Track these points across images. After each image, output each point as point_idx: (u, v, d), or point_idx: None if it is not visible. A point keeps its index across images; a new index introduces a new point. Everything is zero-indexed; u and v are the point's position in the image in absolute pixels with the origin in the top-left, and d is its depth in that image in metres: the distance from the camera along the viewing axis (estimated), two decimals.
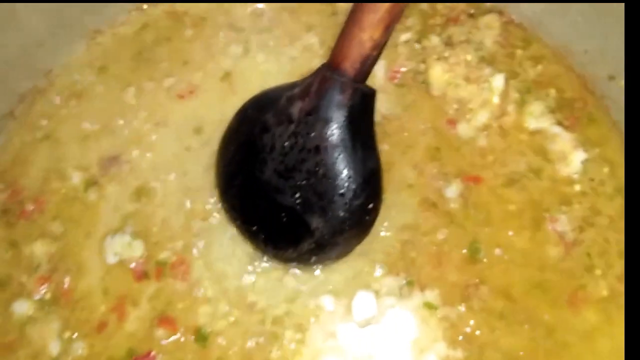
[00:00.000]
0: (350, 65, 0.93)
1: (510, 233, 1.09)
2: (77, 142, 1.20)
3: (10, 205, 1.16)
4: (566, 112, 1.16)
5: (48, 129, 1.21)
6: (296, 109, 0.97)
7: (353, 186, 0.96)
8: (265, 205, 1.02)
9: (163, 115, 1.21)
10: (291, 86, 1.00)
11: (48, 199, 1.15)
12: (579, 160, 1.12)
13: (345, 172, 0.96)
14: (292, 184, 0.98)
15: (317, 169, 0.96)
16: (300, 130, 0.97)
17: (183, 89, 1.22)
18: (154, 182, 1.16)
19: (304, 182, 0.97)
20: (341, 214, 0.97)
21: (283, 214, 1.00)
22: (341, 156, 0.95)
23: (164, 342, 1.05)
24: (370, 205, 1.00)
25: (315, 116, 0.95)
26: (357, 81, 0.94)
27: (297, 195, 0.98)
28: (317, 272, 1.08)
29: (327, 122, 0.95)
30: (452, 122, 1.17)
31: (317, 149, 0.96)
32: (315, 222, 0.98)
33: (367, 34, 0.90)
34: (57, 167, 1.18)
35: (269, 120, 1.00)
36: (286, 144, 0.98)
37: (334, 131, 0.95)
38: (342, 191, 0.96)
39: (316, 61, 1.20)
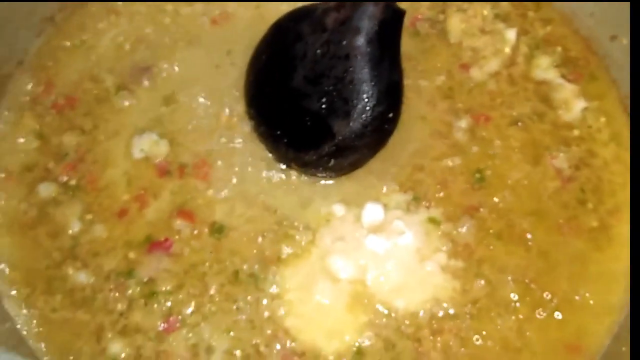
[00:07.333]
0: None
1: (512, 166, 1.17)
2: (112, 51, 1.27)
3: (43, 99, 1.22)
4: (570, 68, 1.25)
5: (85, 38, 1.28)
6: (331, 19, 1.05)
7: (376, 93, 1.03)
8: (291, 111, 1.09)
9: (196, 35, 1.28)
10: (327, 0, 1.08)
11: (80, 97, 1.22)
12: (579, 108, 1.21)
13: (370, 79, 1.02)
14: (319, 89, 1.06)
15: (344, 75, 1.04)
16: (332, 38, 1.05)
17: (217, 15, 1.30)
18: (182, 92, 1.23)
19: (331, 87, 1.05)
20: (363, 118, 1.03)
21: (307, 118, 1.07)
22: (368, 65, 1.03)
23: (181, 231, 1.11)
24: (390, 115, 1.07)
25: (348, 25, 1.03)
26: None
27: (324, 100, 1.05)
28: (331, 182, 1.15)
29: (358, 31, 1.02)
30: (466, 67, 1.26)
31: (347, 57, 1.03)
32: (338, 126, 1.05)
33: None
34: (91, 71, 1.24)
35: (304, 29, 1.08)
36: (318, 51, 1.06)
37: (364, 41, 1.02)
38: (365, 96, 1.03)
39: None
